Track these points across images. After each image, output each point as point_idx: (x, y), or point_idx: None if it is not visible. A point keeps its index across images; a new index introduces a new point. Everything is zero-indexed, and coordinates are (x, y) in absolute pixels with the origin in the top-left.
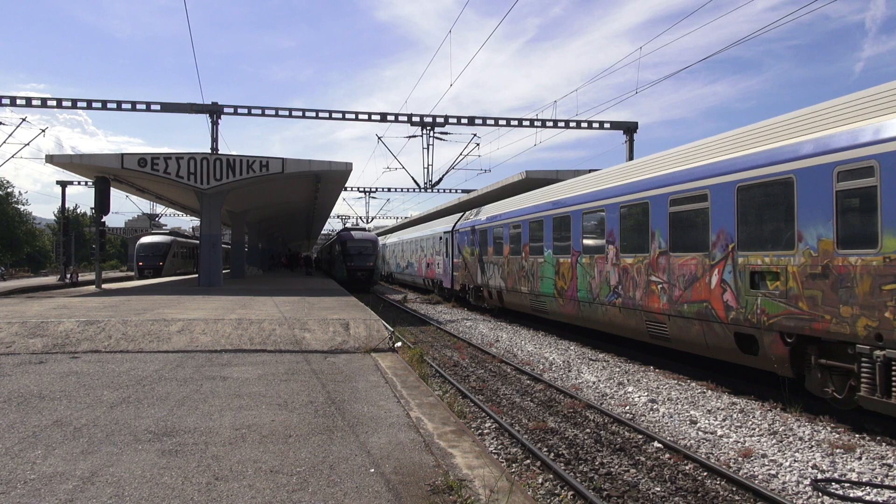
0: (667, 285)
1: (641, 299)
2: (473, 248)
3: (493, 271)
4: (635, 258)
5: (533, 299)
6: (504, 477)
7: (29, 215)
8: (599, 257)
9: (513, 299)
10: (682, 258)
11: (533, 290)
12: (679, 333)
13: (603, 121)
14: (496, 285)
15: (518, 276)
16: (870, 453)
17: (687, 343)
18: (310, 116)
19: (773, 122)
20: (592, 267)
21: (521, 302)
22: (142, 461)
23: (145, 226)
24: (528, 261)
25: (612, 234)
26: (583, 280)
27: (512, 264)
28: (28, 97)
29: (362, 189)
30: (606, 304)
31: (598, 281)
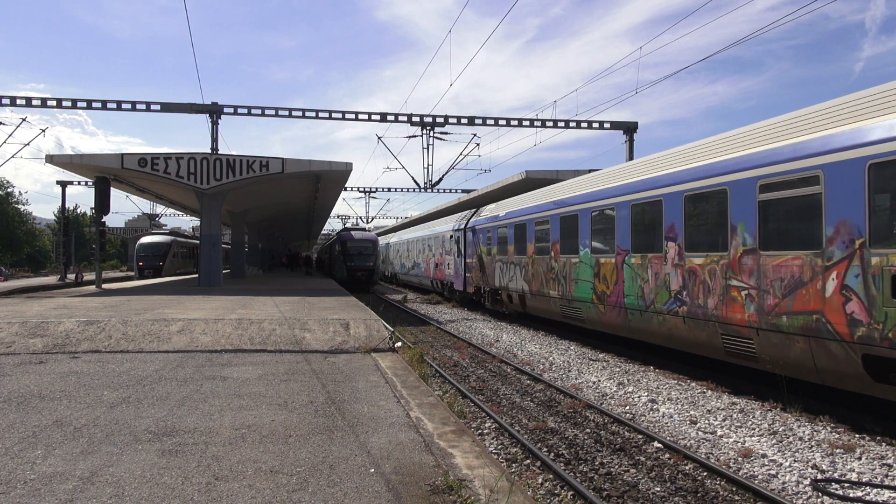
0: (755, 291)
1: (716, 308)
2: (490, 247)
3: (515, 273)
4: (707, 258)
5: (564, 305)
6: (504, 477)
7: (29, 215)
8: (655, 257)
9: (538, 304)
10: (778, 258)
11: (565, 294)
12: (772, 352)
13: (603, 121)
14: (518, 288)
15: (545, 279)
16: (870, 453)
17: (785, 364)
18: (310, 116)
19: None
20: (645, 268)
21: (549, 308)
22: (142, 461)
23: (145, 226)
24: (559, 261)
25: (674, 229)
26: (632, 284)
27: (538, 265)
28: (28, 97)
29: (362, 189)
30: (665, 312)
31: (652, 285)
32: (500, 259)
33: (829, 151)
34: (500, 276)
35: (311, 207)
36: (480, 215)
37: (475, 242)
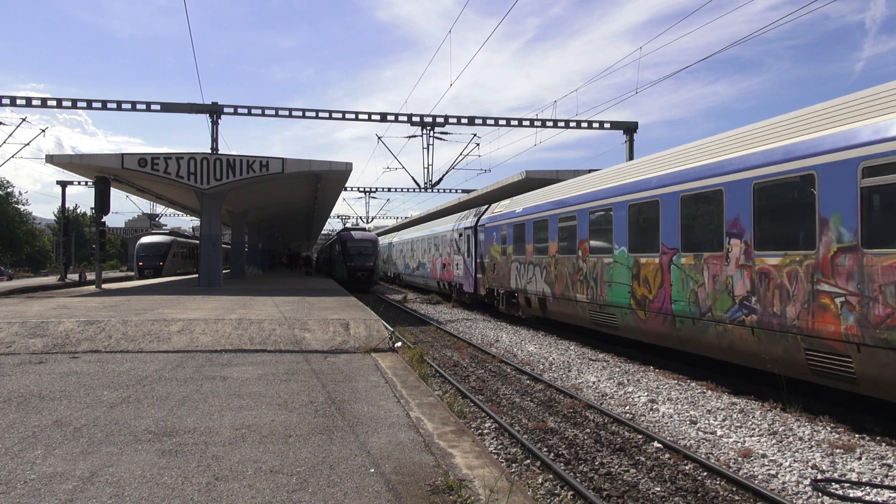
0: (855, 298)
1: (799, 318)
2: (505, 246)
3: (534, 274)
4: (786, 258)
5: (595, 311)
6: (504, 477)
7: (29, 215)
8: (713, 256)
9: (562, 309)
10: (891, 257)
11: (595, 298)
12: (881, 373)
13: (603, 121)
14: (537, 291)
15: (571, 281)
16: (870, 453)
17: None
18: (310, 116)
19: None
20: (700, 269)
21: (575, 313)
22: (142, 461)
23: (145, 226)
24: (588, 261)
25: (739, 223)
26: (681, 287)
27: (562, 265)
28: (28, 97)
29: (362, 189)
30: (727, 321)
31: (710, 289)
32: (517, 259)
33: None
34: (517, 277)
35: (311, 207)
36: (493, 212)
37: (488, 241)
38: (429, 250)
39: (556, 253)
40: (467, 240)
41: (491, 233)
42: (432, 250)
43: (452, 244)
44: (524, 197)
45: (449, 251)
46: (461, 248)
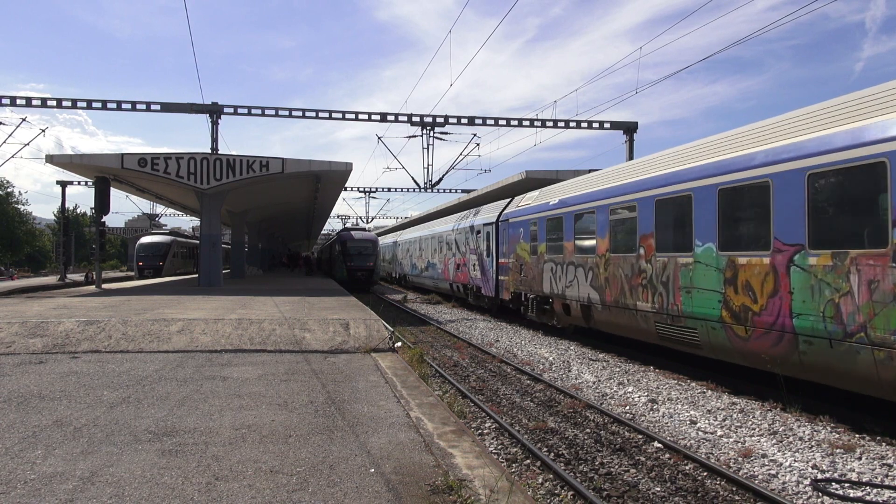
0: None
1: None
2: (536, 243)
3: (575, 277)
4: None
5: (665, 323)
6: (504, 477)
7: (29, 215)
8: (868, 256)
9: (613, 319)
10: None
11: (664, 307)
12: None
13: (603, 121)
14: (580, 297)
15: (628, 286)
16: (870, 453)
17: None
18: (310, 116)
19: None
20: (844, 273)
21: (633, 324)
22: (142, 461)
23: (145, 226)
24: (655, 261)
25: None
26: (809, 296)
27: (615, 267)
28: (28, 97)
29: (362, 189)
30: (892, 346)
31: (861, 300)
32: (552, 259)
33: None
34: (552, 280)
35: (311, 207)
36: (519, 205)
37: (513, 239)
38: (439, 249)
39: (606, 251)
40: (486, 238)
41: (517, 229)
42: (444, 249)
43: (468, 243)
44: (560, 186)
45: (464, 250)
46: (479, 247)
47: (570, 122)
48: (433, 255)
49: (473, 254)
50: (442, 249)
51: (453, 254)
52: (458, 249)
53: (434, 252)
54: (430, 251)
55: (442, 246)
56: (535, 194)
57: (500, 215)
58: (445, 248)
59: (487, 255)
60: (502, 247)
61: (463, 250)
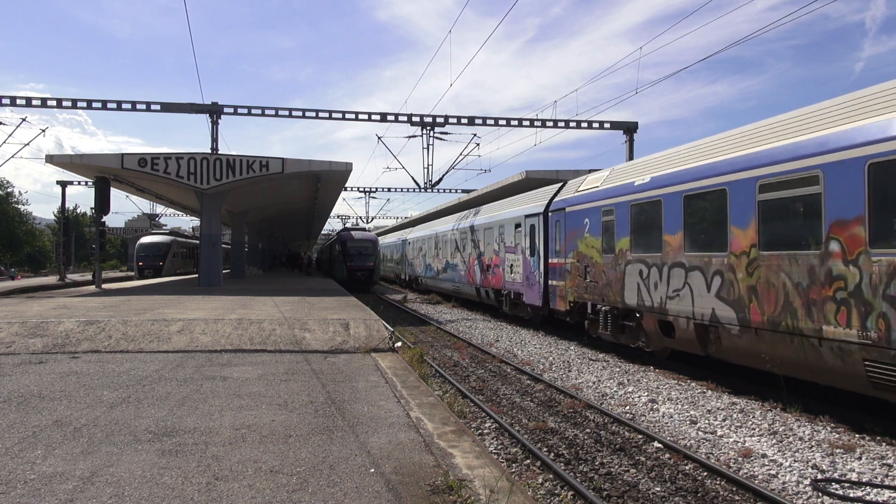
0: None
1: None
2: (612, 237)
3: (687, 283)
4: None
5: (885, 363)
6: (504, 477)
7: (29, 215)
8: None
9: (768, 348)
10: None
11: (888, 337)
12: None
13: (603, 121)
14: (695, 312)
15: (803, 299)
16: (870, 453)
17: None
18: (310, 116)
19: None
20: None
21: (813, 360)
22: (142, 461)
23: (145, 226)
24: (868, 263)
25: None
26: None
27: (771, 270)
28: (28, 97)
29: (362, 189)
30: None
31: None
32: (642, 259)
33: None
34: (642, 288)
35: (311, 207)
36: (579, 190)
37: (572, 233)
38: (462, 248)
39: (751, 247)
40: (530, 233)
41: (579, 220)
42: (468, 248)
43: (501, 239)
44: (647, 162)
45: (496, 248)
46: (519, 245)
47: (570, 122)
48: (453, 254)
49: (511, 252)
50: (465, 248)
51: (480, 253)
52: (486, 248)
53: (455, 251)
54: (450, 250)
55: (465, 244)
56: (601, 175)
57: (549, 204)
58: (470, 245)
59: (531, 253)
60: (553, 244)
61: (496, 248)
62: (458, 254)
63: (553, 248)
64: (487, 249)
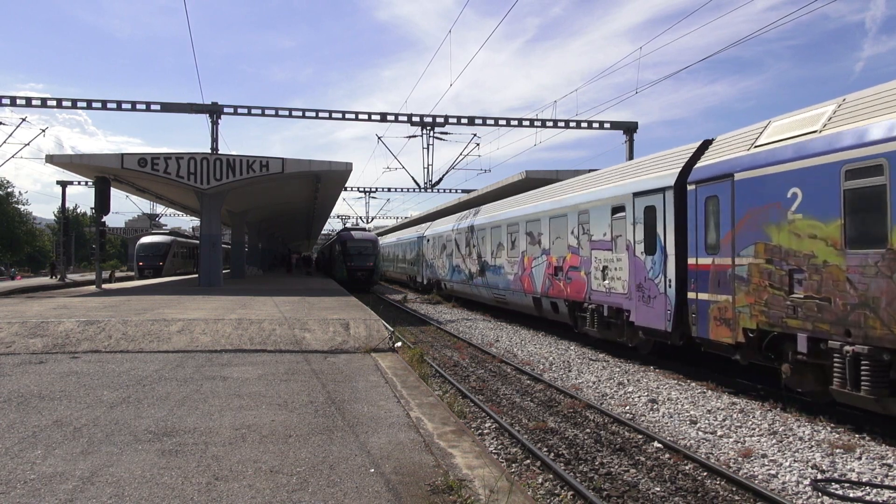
0: None
1: None
2: (878, 220)
3: None
4: None
5: None
6: (504, 477)
7: (29, 215)
8: None
9: None
10: None
11: None
12: None
13: (603, 121)
14: None
15: None
16: (870, 453)
17: None
18: (310, 116)
19: None
20: None
21: None
22: (142, 461)
23: (145, 226)
24: None
25: None
26: None
27: None
28: (28, 97)
29: (362, 189)
30: None
31: None
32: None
33: None
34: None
35: (311, 207)
36: (762, 145)
37: (751, 213)
38: (511, 244)
39: None
40: (646, 218)
41: (772, 191)
42: (521, 244)
43: (583, 231)
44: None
45: (573, 244)
46: (618, 237)
47: (570, 122)
48: (496, 252)
49: (603, 249)
50: (515, 244)
51: (542, 250)
52: (554, 243)
53: (498, 249)
54: (490, 248)
55: (516, 238)
56: (815, 113)
57: (685, 172)
58: (525, 241)
59: (648, 250)
60: (700, 234)
61: (573, 244)
62: (503, 252)
63: (700, 242)
64: (556, 246)
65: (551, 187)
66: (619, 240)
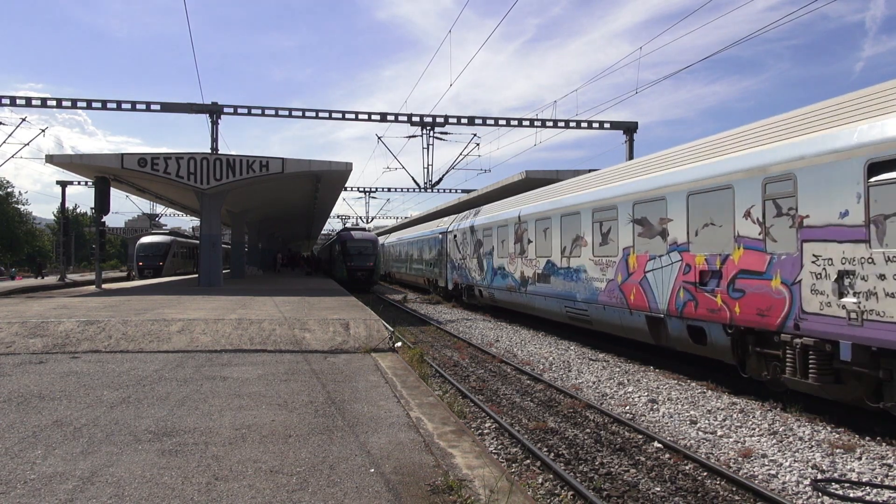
0: None
1: None
2: None
3: None
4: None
5: None
6: (504, 477)
7: (29, 215)
8: None
9: None
10: None
11: None
12: None
13: (603, 121)
14: None
15: None
16: (870, 453)
17: None
18: (310, 116)
19: None
20: None
21: None
22: (142, 461)
23: (145, 226)
24: None
25: None
26: None
27: None
28: (28, 97)
29: (362, 189)
30: None
31: None
32: None
33: None
34: None
35: (311, 207)
36: None
37: None
38: (603, 236)
39: None
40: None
41: None
42: (622, 235)
43: (776, 210)
44: None
45: (751, 232)
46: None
47: (569, 122)
48: (570, 249)
49: (837, 241)
50: (611, 236)
51: (671, 245)
52: (702, 233)
53: (576, 243)
54: (561, 242)
55: (613, 229)
56: None
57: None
58: (632, 231)
59: None
60: None
61: (748, 233)
62: (583, 249)
63: None
64: (704, 237)
65: (684, 148)
66: (891, 224)
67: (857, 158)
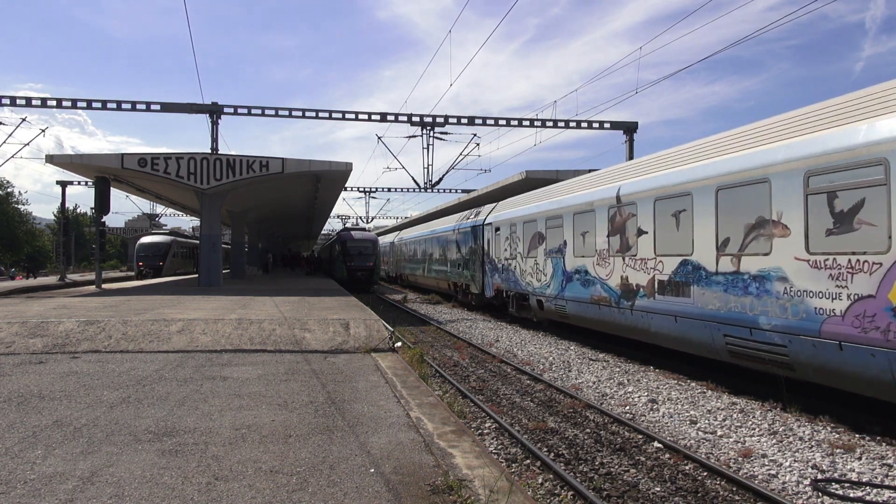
0: None
1: None
2: None
3: None
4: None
5: None
6: (504, 477)
7: (29, 215)
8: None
9: None
10: None
11: None
12: None
13: (603, 121)
14: None
15: None
16: (870, 453)
17: None
18: (309, 116)
19: None
20: None
21: None
22: (142, 461)
23: (145, 226)
24: None
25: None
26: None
27: None
28: (28, 97)
29: (362, 189)
30: None
31: None
32: None
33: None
34: None
35: (311, 207)
36: None
37: None
38: (837, 221)
39: None
40: None
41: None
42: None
43: None
44: None
45: None
46: None
47: (570, 122)
48: (743, 242)
49: None
50: (856, 218)
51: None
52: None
53: (757, 232)
54: (718, 231)
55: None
56: None
57: None
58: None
59: None
60: None
61: None
62: (769, 242)
63: None
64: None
65: None
66: None
67: None
